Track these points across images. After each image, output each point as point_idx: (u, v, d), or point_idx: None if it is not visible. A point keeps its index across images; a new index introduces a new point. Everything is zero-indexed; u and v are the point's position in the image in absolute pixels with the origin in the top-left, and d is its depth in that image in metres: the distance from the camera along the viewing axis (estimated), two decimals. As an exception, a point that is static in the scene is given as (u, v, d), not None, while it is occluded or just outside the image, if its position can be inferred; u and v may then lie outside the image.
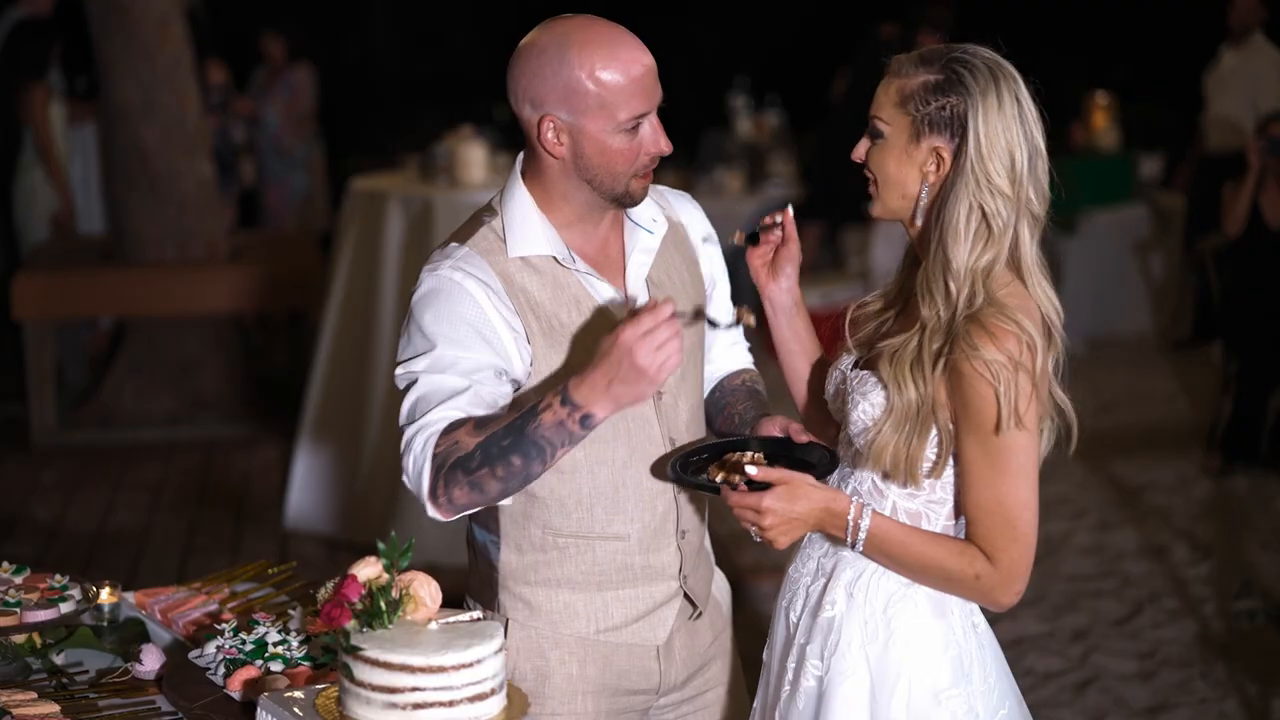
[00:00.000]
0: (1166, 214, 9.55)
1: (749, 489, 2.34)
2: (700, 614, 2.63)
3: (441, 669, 2.02)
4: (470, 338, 2.39)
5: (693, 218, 2.69)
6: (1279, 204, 6.80)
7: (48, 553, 5.96)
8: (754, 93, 9.25)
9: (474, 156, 6.45)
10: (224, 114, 9.45)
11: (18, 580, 2.80)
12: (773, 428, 2.55)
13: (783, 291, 2.63)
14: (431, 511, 2.34)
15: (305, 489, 6.22)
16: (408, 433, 2.35)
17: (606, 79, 2.38)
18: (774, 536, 2.33)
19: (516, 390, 2.45)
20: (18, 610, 2.67)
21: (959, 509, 2.41)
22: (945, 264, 2.35)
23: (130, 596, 2.92)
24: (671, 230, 2.62)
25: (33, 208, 8.40)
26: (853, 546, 2.39)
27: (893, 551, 2.38)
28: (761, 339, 2.72)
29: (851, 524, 2.36)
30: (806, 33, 12.79)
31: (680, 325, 2.24)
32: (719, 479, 2.41)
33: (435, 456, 2.30)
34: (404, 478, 2.36)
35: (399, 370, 2.43)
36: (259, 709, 2.27)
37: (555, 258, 2.47)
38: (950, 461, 2.38)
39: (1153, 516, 6.40)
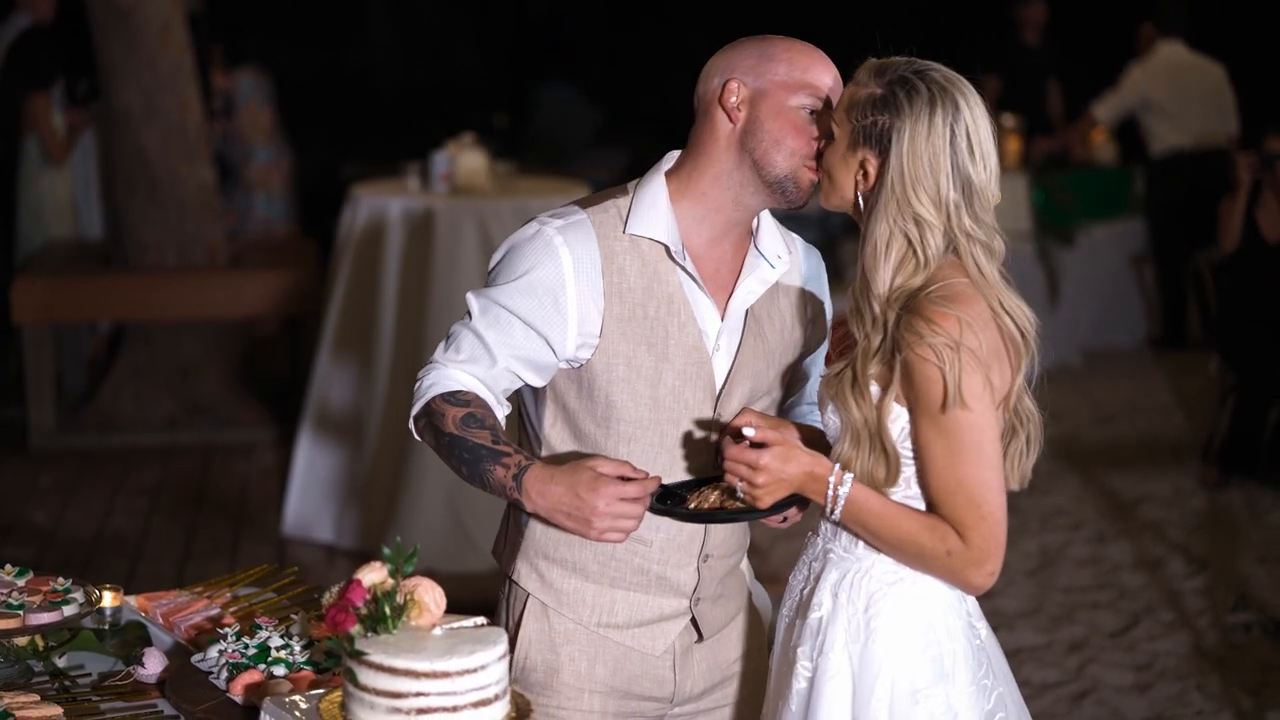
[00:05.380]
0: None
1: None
2: (701, 641, 2.62)
3: (446, 674, 2.03)
4: (540, 301, 2.45)
5: (816, 275, 2.69)
6: (1276, 218, 6.82)
7: (46, 556, 5.95)
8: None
9: (475, 164, 6.46)
10: (226, 120, 9.40)
11: (20, 583, 2.81)
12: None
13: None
14: (410, 425, 2.52)
15: (304, 495, 6.23)
16: (434, 356, 2.50)
17: (800, 64, 2.49)
18: (760, 495, 2.38)
19: (577, 366, 2.49)
20: (20, 613, 2.68)
21: None
22: (865, 286, 2.40)
23: (132, 600, 2.92)
24: (792, 273, 2.63)
25: (40, 217, 8.40)
26: (830, 513, 2.42)
27: (869, 522, 2.40)
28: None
29: (831, 489, 2.40)
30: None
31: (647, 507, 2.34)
32: (692, 505, 2.45)
33: (429, 406, 2.45)
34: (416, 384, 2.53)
35: (473, 293, 2.52)
36: (262, 713, 2.28)
37: (667, 247, 2.49)
38: (904, 466, 2.41)
39: (1149, 529, 6.42)
